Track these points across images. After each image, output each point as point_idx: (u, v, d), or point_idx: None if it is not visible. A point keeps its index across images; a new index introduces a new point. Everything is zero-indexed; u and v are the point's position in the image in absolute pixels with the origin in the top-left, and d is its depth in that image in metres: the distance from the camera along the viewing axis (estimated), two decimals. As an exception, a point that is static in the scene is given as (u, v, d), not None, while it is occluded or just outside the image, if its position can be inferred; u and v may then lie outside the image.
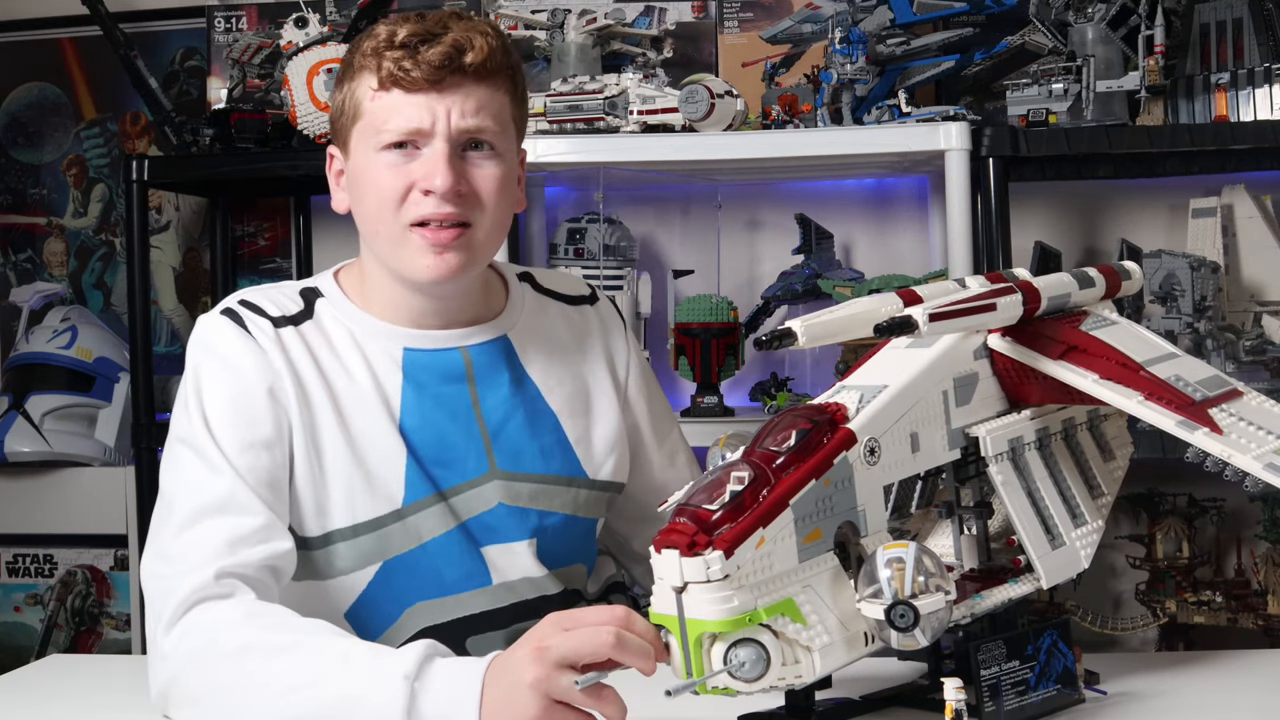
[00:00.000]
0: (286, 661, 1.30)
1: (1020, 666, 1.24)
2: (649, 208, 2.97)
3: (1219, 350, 2.47)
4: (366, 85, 1.53)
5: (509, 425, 1.61)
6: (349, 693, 1.26)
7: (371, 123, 1.52)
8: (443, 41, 1.50)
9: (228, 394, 1.51)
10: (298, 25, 2.78)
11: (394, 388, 1.57)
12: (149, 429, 2.69)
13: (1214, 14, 2.57)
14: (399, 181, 1.51)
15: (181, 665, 1.36)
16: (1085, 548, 1.35)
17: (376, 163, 1.52)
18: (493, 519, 1.58)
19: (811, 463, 1.15)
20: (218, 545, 1.41)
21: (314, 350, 1.56)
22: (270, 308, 1.58)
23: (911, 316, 1.21)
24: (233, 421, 1.49)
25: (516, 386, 1.62)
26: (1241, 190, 2.66)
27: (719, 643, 1.11)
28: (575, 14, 2.71)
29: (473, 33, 1.52)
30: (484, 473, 1.58)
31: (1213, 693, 1.38)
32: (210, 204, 3.10)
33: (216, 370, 1.53)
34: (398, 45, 1.50)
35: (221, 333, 1.56)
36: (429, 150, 1.51)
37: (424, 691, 1.23)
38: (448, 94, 1.50)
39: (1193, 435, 1.23)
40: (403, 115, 1.51)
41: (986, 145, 2.46)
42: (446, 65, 1.49)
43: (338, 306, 1.60)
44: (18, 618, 3.13)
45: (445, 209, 1.50)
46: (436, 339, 1.60)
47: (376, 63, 1.51)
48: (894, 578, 1.12)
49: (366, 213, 1.55)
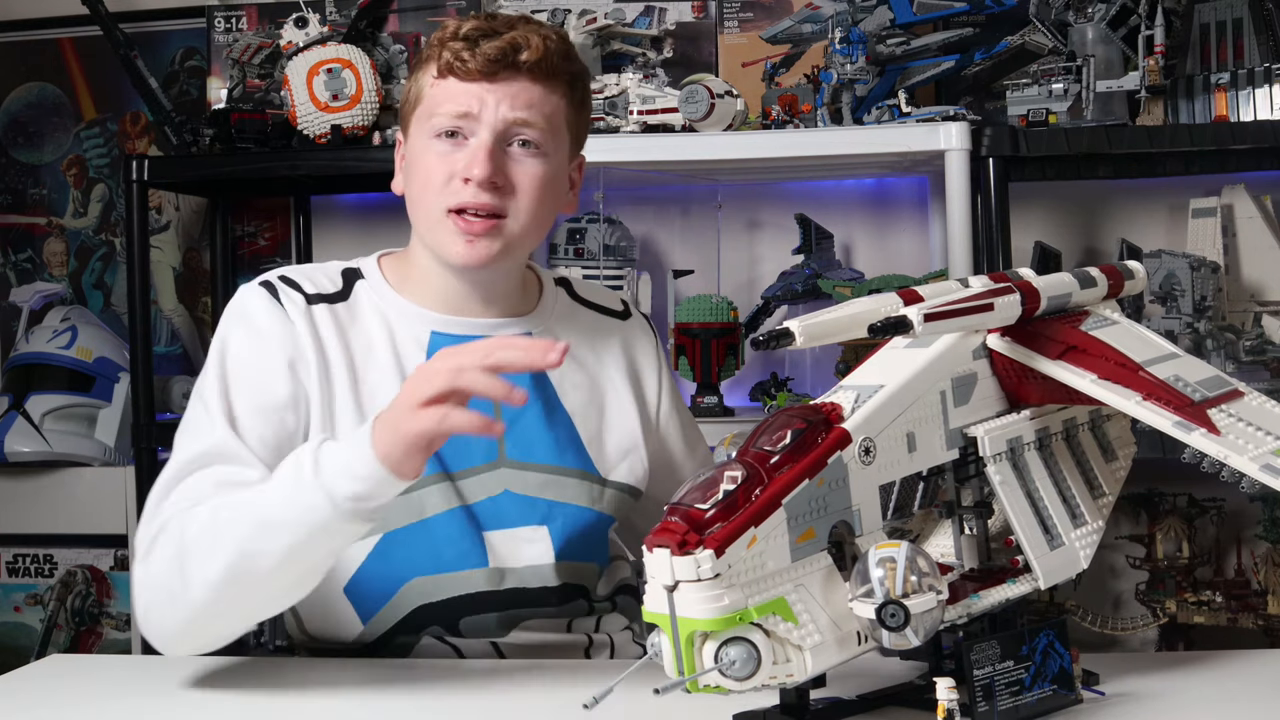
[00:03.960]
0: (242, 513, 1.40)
1: (1015, 666, 1.24)
2: (649, 208, 2.97)
3: (1219, 350, 2.47)
4: (429, 73, 1.61)
5: (525, 417, 1.64)
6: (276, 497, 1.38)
7: (427, 107, 1.61)
8: (502, 38, 1.57)
9: (248, 357, 1.58)
10: (298, 25, 2.78)
11: (415, 369, 1.59)
12: (149, 429, 2.69)
13: (1214, 14, 2.57)
14: (443, 168, 1.59)
15: (156, 569, 1.43)
16: (1085, 548, 1.35)
17: (428, 149, 1.60)
18: (498, 506, 1.61)
19: (805, 462, 1.15)
20: (208, 486, 1.48)
21: (343, 328, 1.62)
22: (307, 285, 1.64)
23: (906, 316, 1.21)
24: (248, 384, 1.56)
25: (535, 382, 1.66)
26: (1241, 190, 2.66)
27: (710, 641, 1.11)
28: (575, 14, 2.71)
29: (533, 34, 1.59)
30: (492, 460, 1.62)
31: (1213, 693, 1.37)
32: (210, 204, 3.10)
33: (242, 335, 1.60)
34: (460, 37, 1.58)
35: (255, 301, 1.62)
36: (474, 140, 1.58)
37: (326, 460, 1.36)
38: (499, 86, 1.58)
39: (1190, 436, 1.23)
40: (454, 101, 1.58)
41: (986, 145, 2.46)
42: (501, 60, 1.57)
43: (375, 289, 1.67)
44: (18, 618, 3.13)
45: (481, 198, 1.57)
46: (464, 325, 1.65)
47: (439, 52, 1.59)
48: (886, 577, 1.12)
49: (413, 195, 1.63)
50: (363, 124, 2.73)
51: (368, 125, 2.74)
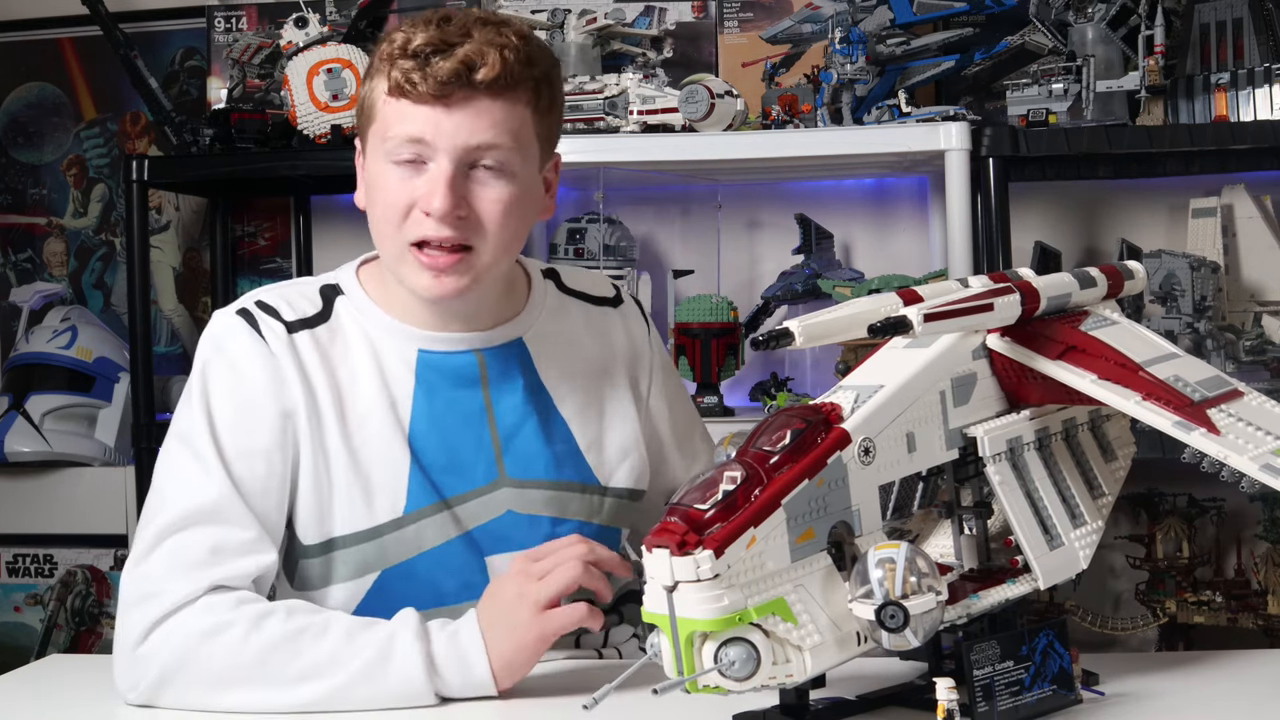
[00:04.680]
0: (293, 646, 1.38)
1: (1015, 667, 1.24)
2: (649, 208, 2.97)
3: (1219, 350, 2.47)
4: (380, 88, 1.49)
5: (522, 431, 1.58)
6: (367, 668, 1.38)
7: (381, 126, 1.49)
8: (454, 55, 1.44)
9: (232, 398, 1.49)
10: (298, 25, 2.78)
11: (405, 393, 1.54)
12: (149, 429, 2.69)
13: (1214, 14, 2.57)
14: (403, 197, 1.48)
15: (171, 658, 1.38)
16: (1084, 548, 1.35)
17: (387, 173, 1.49)
18: (501, 527, 1.55)
19: (804, 462, 1.15)
20: (203, 554, 1.42)
21: (327, 355, 1.53)
22: (286, 310, 1.54)
23: (906, 316, 1.21)
24: (233, 426, 1.48)
25: (530, 392, 1.59)
26: (1241, 190, 2.66)
27: (709, 641, 1.11)
28: (575, 14, 2.71)
29: (489, 46, 1.45)
30: (493, 480, 1.56)
31: (1213, 693, 1.37)
32: (210, 204, 3.10)
33: (224, 372, 1.51)
34: (410, 54, 1.45)
35: (234, 334, 1.52)
36: (433, 167, 1.46)
37: (434, 644, 1.39)
38: (455, 110, 1.45)
39: (1189, 436, 1.23)
40: (407, 124, 1.46)
41: (986, 145, 2.45)
42: (454, 81, 1.44)
43: (357, 305, 1.58)
44: (18, 618, 3.13)
45: (444, 232, 1.46)
46: (452, 341, 1.57)
47: (389, 67, 1.46)
48: (885, 578, 1.12)
49: (374, 221, 1.52)
50: (363, 124, 2.73)
51: (368, 125, 2.74)
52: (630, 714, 1.17)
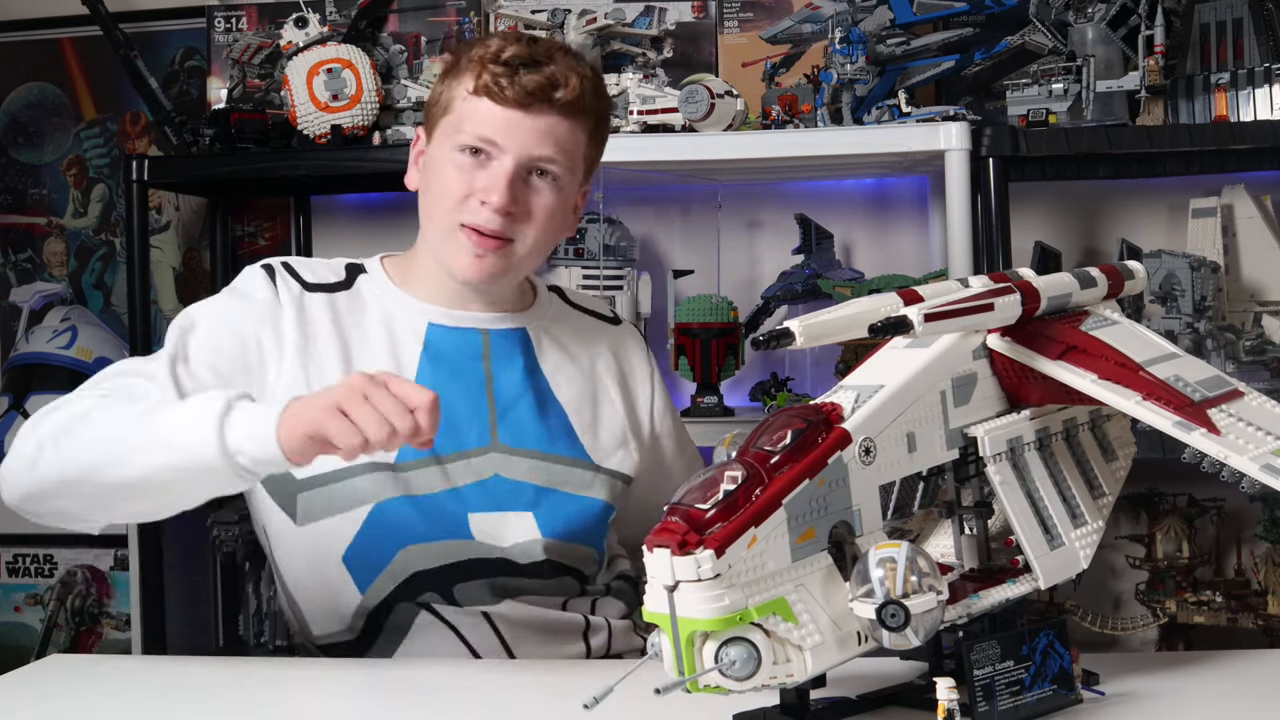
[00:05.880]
0: (120, 407, 1.47)
1: (1015, 667, 1.24)
2: (649, 208, 2.97)
3: (1219, 350, 2.47)
4: (464, 86, 1.64)
5: (519, 406, 1.70)
6: (170, 415, 1.43)
7: (456, 120, 1.64)
8: (542, 72, 1.62)
9: (220, 319, 1.64)
10: (298, 25, 2.78)
11: (411, 358, 1.68)
12: (149, 429, 2.69)
13: (1214, 14, 2.57)
14: (463, 184, 1.63)
15: (28, 433, 1.53)
16: (1085, 548, 1.35)
17: (450, 160, 1.64)
18: (486, 489, 1.65)
19: (805, 462, 1.15)
20: (114, 378, 1.56)
21: (339, 315, 1.68)
22: (307, 274, 1.71)
23: (906, 316, 1.21)
24: (206, 340, 1.62)
25: (529, 373, 1.72)
26: (1241, 190, 2.66)
27: (710, 641, 1.11)
28: (575, 14, 2.71)
29: (571, 72, 1.63)
30: (485, 445, 1.66)
31: (1213, 693, 1.37)
32: (210, 204, 3.10)
33: (226, 300, 1.67)
34: (502, 61, 1.61)
35: (250, 279, 1.69)
36: (496, 165, 1.63)
37: (238, 405, 1.41)
38: (530, 119, 1.62)
39: (1190, 436, 1.23)
40: (485, 123, 1.62)
41: (986, 145, 2.46)
42: (538, 94, 1.61)
43: (378, 283, 1.73)
44: (18, 618, 3.13)
45: (495, 222, 1.63)
46: (461, 318, 1.71)
47: (479, 70, 1.62)
48: (886, 577, 1.12)
49: (429, 200, 1.68)
50: (363, 124, 2.73)
51: (367, 125, 2.74)
52: (630, 714, 1.17)
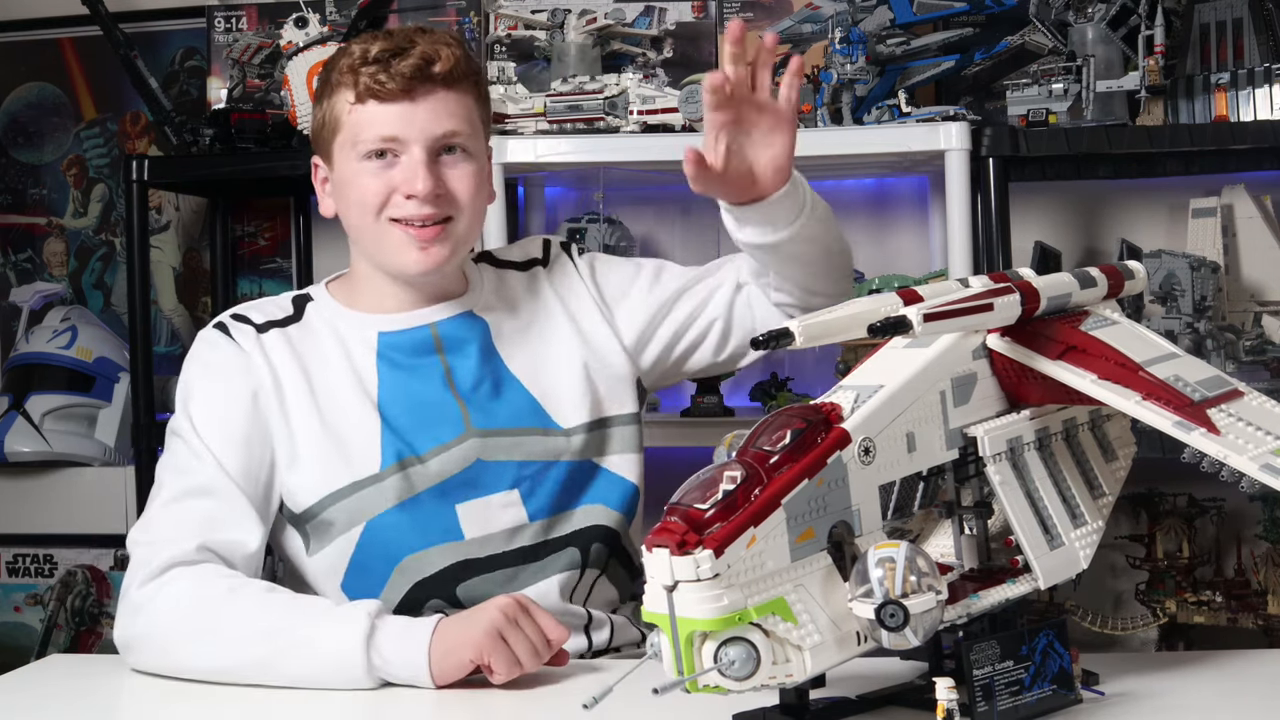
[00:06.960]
0: (256, 608, 1.50)
1: (1015, 667, 1.24)
2: (649, 208, 2.97)
3: (1219, 350, 2.47)
4: (344, 100, 1.64)
5: (481, 389, 1.71)
6: (312, 634, 1.47)
7: (351, 134, 1.64)
8: (412, 54, 1.62)
9: (211, 396, 1.66)
10: (298, 25, 2.78)
11: (369, 368, 1.69)
12: (149, 429, 2.69)
13: (1214, 14, 2.57)
14: (381, 187, 1.64)
15: (156, 614, 1.52)
16: (1085, 548, 1.34)
17: (359, 171, 1.64)
18: (470, 475, 1.66)
19: (804, 462, 1.15)
20: (198, 520, 1.58)
21: (295, 347, 1.69)
22: (257, 316, 1.72)
23: (906, 316, 1.21)
24: (215, 419, 1.64)
25: (483, 355, 1.72)
26: (1241, 190, 2.66)
27: (709, 641, 1.11)
28: (575, 14, 2.71)
29: (438, 45, 1.64)
30: (460, 433, 1.67)
31: (1213, 693, 1.37)
32: (210, 204, 3.10)
33: (202, 376, 1.68)
34: (371, 61, 1.62)
35: (210, 344, 1.70)
36: (407, 157, 1.63)
37: (382, 627, 1.46)
38: (420, 102, 1.63)
39: (1189, 436, 1.23)
40: (380, 124, 1.62)
41: (986, 145, 2.46)
42: (417, 75, 1.62)
43: (325, 307, 1.74)
44: (18, 618, 3.13)
45: (426, 210, 1.63)
46: (407, 319, 1.72)
47: (353, 79, 1.63)
48: (885, 577, 1.12)
49: (353, 215, 1.68)
50: (363, 124, 2.73)
51: (368, 125, 2.74)
52: (630, 714, 1.17)
